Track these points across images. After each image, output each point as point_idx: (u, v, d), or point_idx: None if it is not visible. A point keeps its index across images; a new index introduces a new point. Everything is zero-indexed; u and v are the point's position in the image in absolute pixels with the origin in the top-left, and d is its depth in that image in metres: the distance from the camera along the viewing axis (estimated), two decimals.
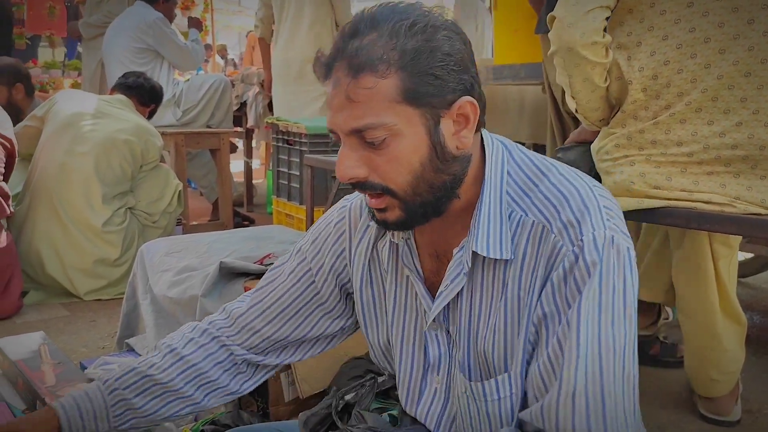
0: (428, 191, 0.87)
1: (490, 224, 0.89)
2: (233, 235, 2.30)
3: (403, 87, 0.83)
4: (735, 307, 1.83)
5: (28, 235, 3.03)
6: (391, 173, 0.86)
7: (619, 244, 0.84)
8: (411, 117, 0.84)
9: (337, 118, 0.86)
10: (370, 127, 0.83)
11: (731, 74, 1.38)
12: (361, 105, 0.83)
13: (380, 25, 0.83)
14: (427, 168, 0.86)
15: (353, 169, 0.86)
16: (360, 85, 0.82)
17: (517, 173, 0.92)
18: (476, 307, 0.93)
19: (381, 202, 0.89)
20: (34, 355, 1.91)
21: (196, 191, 5.21)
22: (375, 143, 0.84)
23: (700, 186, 1.43)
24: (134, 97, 3.41)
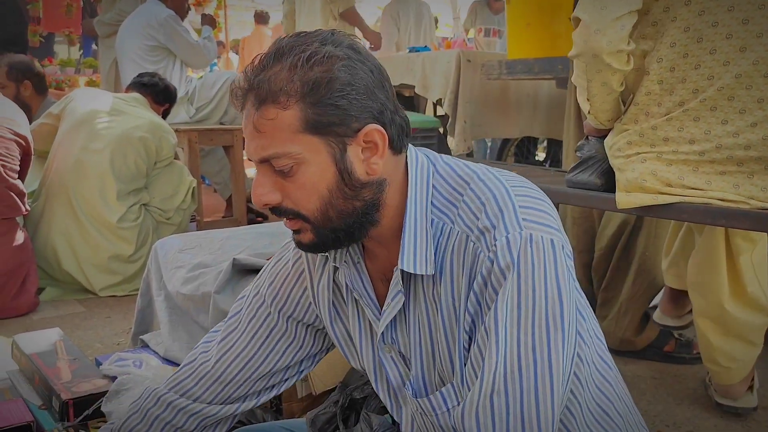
0: (338, 217, 0.90)
1: (417, 242, 0.90)
2: (247, 232, 2.30)
3: (305, 117, 0.85)
4: (758, 301, 1.80)
5: (44, 232, 3.06)
6: (301, 200, 0.89)
7: (538, 239, 0.84)
8: (315, 146, 0.86)
9: (249, 147, 0.89)
10: (274, 156, 0.86)
11: (750, 74, 1.35)
12: (267, 135, 0.86)
13: (283, 58, 0.86)
14: (335, 195, 0.88)
15: (267, 195, 0.89)
16: (264, 117, 0.85)
17: (443, 186, 0.92)
18: (424, 323, 0.93)
19: (294, 224, 0.91)
20: (51, 351, 1.93)
21: (210, 187, 5.23)
22: (284, 171, 0.87)
23: (712, 185, 1.41)
24: (149, 95, 3.43)
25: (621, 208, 1.53)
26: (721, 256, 1.77)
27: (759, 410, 1.92)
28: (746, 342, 1.83)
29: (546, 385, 0.81)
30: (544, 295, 0.82)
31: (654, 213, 1.51)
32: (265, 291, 1.11)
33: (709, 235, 1.80)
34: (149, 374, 1.76)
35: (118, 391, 1.65)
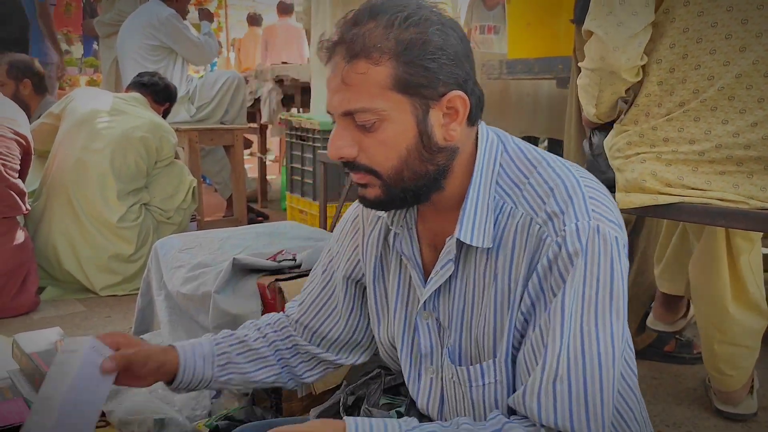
0: (411, 178, 0.91)
1: (477, 215, 0.91)
2: (247, 232, 2.30)
3: (395, 75, 0.86)
4: (757, 304, 1.81)
5: (45, 231, 3.07)
6: (378, 156, 0.90)
7: (605, 233, 0.86)
8: (401, 105, 0.88)
9: (332, 100, 0.91)
10: (360, 110, 0.88)
11: (750, 74, 1.35)
12: (354, 89, 0.87)
13: (378, 16, 0.87)
14: (413, 155, 0.90)
15: (344, 148, 0.90)
16: (354, 70, 0.87)
17: (510, 166, 0.94)
18: (469, 295, 0.95)
19: (363, 178, 0.92)
20: (51, 351, 1.93)
21: (211, 187, 5.23)
22: (366, 126, 0.88)
23: (712, 185, 1.41)
24: (149, 95, 3.43)
25: (620, 209, 1.53)
26: (722, 256, 1.77)
27: (759, 411, 1.92)
28: (747, 348, 1.83)
29: (608, 373, 0.84)
30: (609, 286, 0.85)
31: (653, 213, 1.51)
32: (333, 246, 1.17)
33: (709, 237, 1.80)
34: None
35: (118, 390, 1.66)
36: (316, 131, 3.40)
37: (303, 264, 1.88)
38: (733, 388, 1.87)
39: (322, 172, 3.00)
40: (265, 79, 5.04)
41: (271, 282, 1.80)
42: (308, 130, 3.50)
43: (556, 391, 0.83)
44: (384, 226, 1.06)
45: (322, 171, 3.00)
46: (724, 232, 1.77)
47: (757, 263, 1.82)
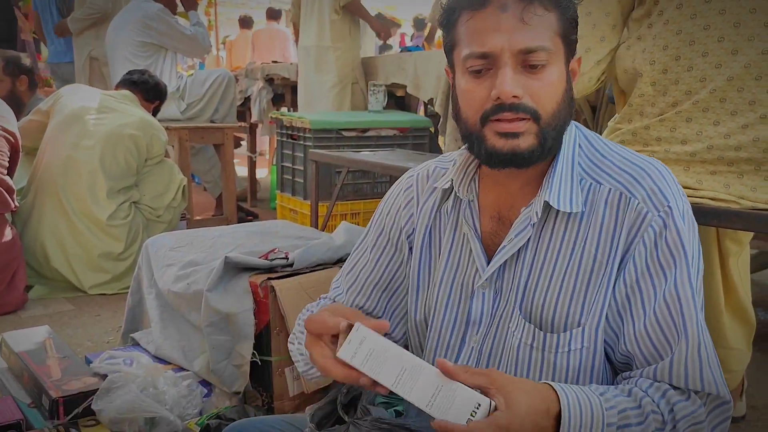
0: (560, 125, 0.96)
1: (562, 182, 0.96)
2: (238, 230, 2.30)
3: (561, 23, 0.94)
4: (745, 307, 1.82)
5: (33, 229, 3.04)
6: (543, 97, 0.93)
7: (693, 217, 0.96)
8: (561, 51, 0.95)
9: (503, 39, 0.91)
10: (540, 48, 0.91)
11: (742, 76, 1.36)
12: (533, 28, 0.91)
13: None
14: (564, 100, 0.95)
15: (516, 87, 0.91)
16: (534, 11, 0.91)
17: (588, 147, 1.00)
18: (540, 261, 0.97)
19: (521, 125, 0.93)
20: (40, 349, 1.92)
21: (200, 186, 5.21)
22: (536, 66, 0.92)
23: (704, 185, 1.42)
24: (139, 92, 3.41)
25: None
26: (714, 258, 1.78)
27: (747, 410, 1.94)
28: (739, 350, 1.84)
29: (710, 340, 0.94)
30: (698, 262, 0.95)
31: None
32: (383, 220, 1.17)
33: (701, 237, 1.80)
34: (140, 372, 1.75)
35: (109, 389, 1.65)
36: (308, 130, 3.40)
37: (295, 263, 1.87)
38: None
39: (314, 171, 2.99)
40: (255, 78, 5.03)
41: (263, 280, 1.80)
42: (299, 129, 3.49)
43: (701, 358, 0.90)
44: (440, 197, 1.09)
45: (313, 170, 3.00)
46: (716, 233, 1.78)
47: (745, 267, 1.84)
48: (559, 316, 0.96)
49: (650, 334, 0.92)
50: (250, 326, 1.78)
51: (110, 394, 1.64)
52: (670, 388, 0.90)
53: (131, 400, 1.61)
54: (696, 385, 0.89)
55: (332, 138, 3.40)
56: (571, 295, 0.95)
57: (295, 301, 1.78)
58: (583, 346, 0.95)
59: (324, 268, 1.93)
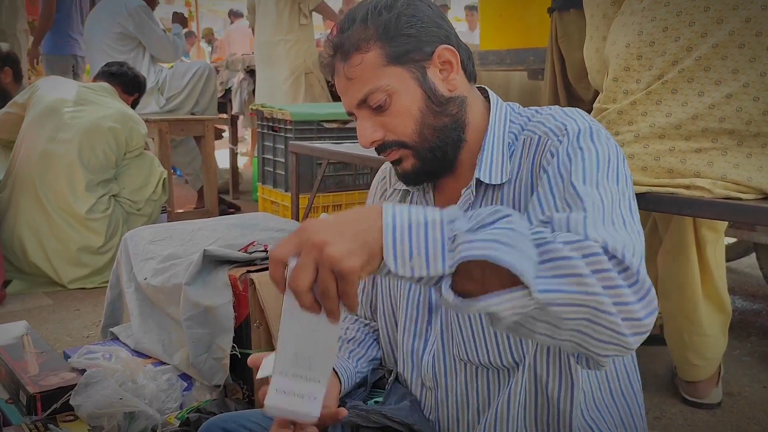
0: (433, 134, 1.00)
1: (493, 159, 1.00)
2: (218, 223, 2.28)
3: (385, 53, 0.98)
4: (721, 295, 1.85)
5: (11, 224, 3.01)
6: (399, 127, 1.00)
7: (606, 134, 0.94)
8: (400, 75, 0.99)
9: (346, 99, 1.02)
10: (369, 93, 0.98)
11: (726, 44, 1.37)
12: (358, 79, 0.99)
13: (356, 17, 1.00)
14: (426, 114, 1.00)
15: (372, 134, 1.01)
16: (351, 65, 0.99)
17: (518, 118, 1.04)
18: None
19: (395, 154, 1.02)
20: (17, 345, 1.90)
21: (181, 179, 5.18)
22: (381, 106, 0.99)
23: (687, 164, 1.42)
24: (118, 85, 3.37)
25: None
26: (691, 246, 1.80)
27: (724, 396, 1.96)
28: (716, 337, 1.86)
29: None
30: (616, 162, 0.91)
31: None
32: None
33: (677, 227, 1.82)
34: (119, 367, 1.74)
35: (88, 384, 1.63)
36: (288, 122, 3.38)
37: None
38: (700, 378, 1.90)
39: (294, 163, 2.98)
40: (236, 70, 4.99)
41: (242, 273, 1.79)
42: (280, 121, 3.47)
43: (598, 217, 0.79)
44: (402, 192, 1.14)
45: (293, 162, 2.98)
46: (692, 222, 1.80)
47: (720, 255, 1.86)
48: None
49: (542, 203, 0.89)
50: (230, 319, 1.77)
51: (89, 389, 1.63)
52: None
53: (110, 395, 1.60)
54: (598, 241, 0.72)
55: (313, 130, 3.39)
56: None
57: (275, 294, 1.77)
58: None
59: None
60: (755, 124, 1.36)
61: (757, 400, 1.98)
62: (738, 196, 1.38)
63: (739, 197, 1.38)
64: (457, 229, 0.70)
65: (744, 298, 2.91)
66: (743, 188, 1.39)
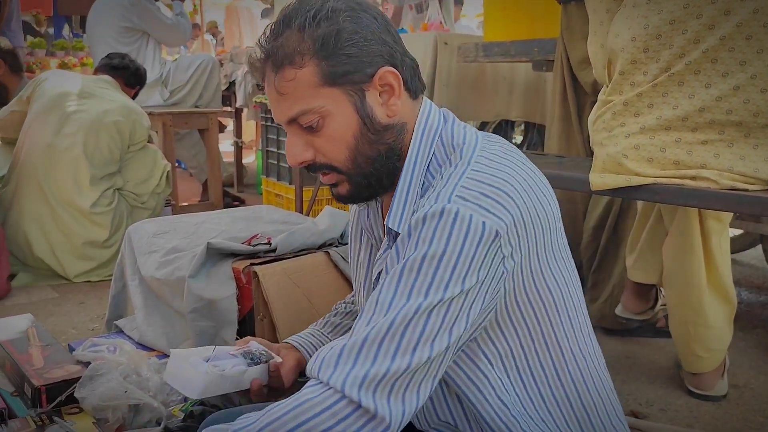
0: (366, 163, 0.94)
1: (407, 200, 0.94)
2: (221, 216, 2.28)
3: (321, 72, 0.90)
4: (726, 286, 1.84)
5: (16, 217, 3.01)
6: (331, 152, 0.93)
7: (464, 216, 0.81)
8: (336, 97, 0.91)
9: (275, 112, 0.95)
10: (300, 113, 0.91)
11: (733, 36, 1.36)
12: (289, 96, 0.91)
13: (291, 22, 0.91)
14: (360, 141, 0.93)
15: (300, 154, 0.95)
16: (283, 79, 0.91)
17: (440, 150, 0.95)
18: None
19: (331, 179, 0.97)
20: (22, 338, 1.91)
21: (186, 172, 5.18)
22: (312, 126, 0.92)
23: (693, 156, 1.41)
24: (120, 78, 3.37)
25: (595, 190, 1.54)
26: (696, 237, 1.79)
27: (730, 388, 1.96)
28: (721, 329, 1.85)
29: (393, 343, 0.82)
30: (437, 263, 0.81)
31: (627, 194, 1.52)
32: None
33: (683, 218, 1.81)
34: (123, 360, 1.74)
35: (92, 376, 1.64)
36: None
37: (278, 248, 1.87)
38: (705, 370, 1.89)
39: None
40: (240, 62, 4.98)
41: (246, 266, 1.79)
42: None
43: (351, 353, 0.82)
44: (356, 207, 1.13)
45: None
46: (698, 212, 1.79)
47: (726, 246, 1.85)
48: None
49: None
50: (234, 312, 1.77)
51: (93, 382, 1.63)
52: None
53: (114, 388, 1.60)
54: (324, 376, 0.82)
55: None
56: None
57: (279, 286, 1.77)
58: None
59: (308, 253, 1.92)
60: (763, 115, 1.35)
61: (763, 391, 1.97)
62: (744, 187, 1.37)
63: (745, 188, 1.37)
64: None
65: (750, 289, 2.90)
66: (750, 179, 1.38)
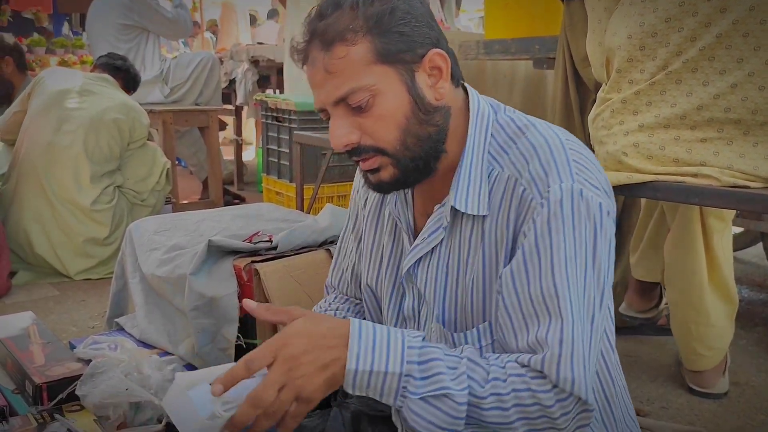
0: (416, 144, 0.92)
1: (471, 182, 0.94)
2: (222, 214, 2.28)
3: (374, 48, 0.89)
4: (727, 284, 1.84)
5: (16, 215, 3.01)
6: (380, 132, 0.91)
7: (589, 198, 0.87)
8: (388, 75, 0.90)
9: (321, 94, 0.92)
10: (351, 91, 0.89)
11: (730, 33, 1.36)
12: (339, 74, 0.89)
13: (342, 3, 0.90)
14: (411, 121, 0.92)
15: (347, 136, 0.92)
16: (334, 56, 0.89)
17: (499, 134, 0.96)
18: (454, 264, 0.97)
19: (374, 163, 0.93)
20: (23, 335, 1.91)
21: (186, 170, 5.17)
22: (361, 106, 0.90)
23: (693, 154, 1.41)
24: (120, 80, 3.37)
25: None
26: (698, 235, 1.79)
27: (731, 386, 1.96)
28: (722, 327, 1.85)
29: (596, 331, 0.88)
30: (593, 248, 0.86)
31: (629, 192, 1.51)
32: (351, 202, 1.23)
33: (684, 216, 1.81)
34: (124, 357, 1.74)
35: (93, 374, 1.64)
36: (293, 112, 3.37)
37: (279, 246, 1.87)
38: (706, 368, 1.89)
39: (299, 154, 2.97)
40: (240, 60, 4.98)
41: (247, 264, 1.79)
42: (284, 111, 3.46)
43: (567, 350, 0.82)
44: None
45: (298, 152, 2.98)
46: (699, 210, 1.79)
47: (728, 245, 1.85)
48: (474, 314, 0.95)
49: (512, 318, 0.87)
50: (235, 309, 1.77)
51: (94, 379, 1.63)
52: (515, 362, 0.84)
53: (115, 385, 1.60)
54: (551, 376, 0.81)
55: (318, 120, 3.37)
56: (481, 293, 0.94)
57: (280, 284, 1.77)
58: (492, 340, 0.94)
59: (309, 250, 1.92)
60: (761, 113, 1.35)
61: (764, 389, 1.97)
62: (745, 184, 1.37)
63: (746, 185, 1.37)
64: (408, 392, 0.80)
65: (751, 288, 2.90)
66: (750, 177, 1.38)
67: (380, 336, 0.82)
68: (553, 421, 0.81)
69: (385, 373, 0.80)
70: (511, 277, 0.88)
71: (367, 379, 0.80)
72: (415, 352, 0.81)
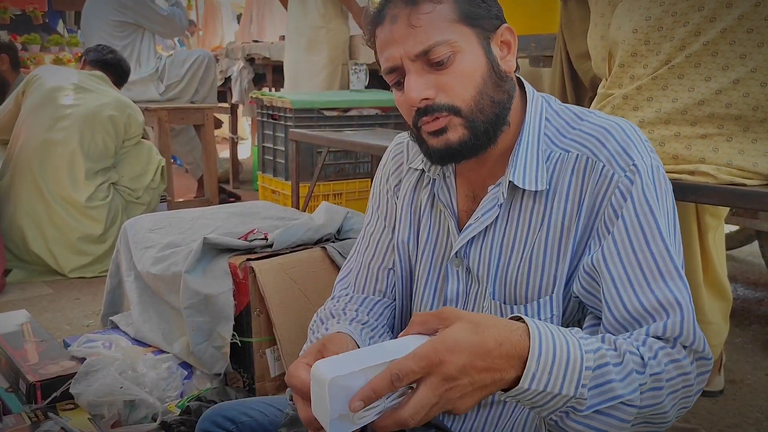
0: (490, 106, 0.94)
1: (527, 160, 0.95)
2: (217, 212, 2.27)
3: (458, 8, 0.92)
4: (721, 282, 1.84)
5: (10, 212, 3.00)
6: (457, 89, 0.92)
7: (664, 173, 0.94)
8: (469, 36, 0.92)
9: (400, 49, 0.92)
10: (435, 45, 0.90)
11: (734, 29, 1.36)
12: (424, 28, 0.90)
13: None
14: (488, 83, 0.93)
15: (423, 91, 0.92)
16: (420, 11, 0.90)
17: (555, 119, 0.99)
18: (509, 240, 0.97)
19: (442, 122, 0.93)
20: (17, 333, 1.90)
21: (182, 168, 5.16)
22: (442, 62, 0.91)
23: (692, 150, 1.41)
24: (111, 75, 3.36)
25: None
26: (693, 233, 1.79)
27: (726, 384, 1.96)
28: (718, 325, 1.85)
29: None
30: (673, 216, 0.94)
31: None
32: (375, 194, 1.18)
33: (680, 214, 1.81)
34: (119, 355, 1.74)
35: (87, 372, 1.63)
36: (288, 110, 3.36)
37: (275, 243, 1.86)
38: None
39: (294, 152, 2.97)
40: (236, 58, 4.97)
41: (242, 261, 1.78)
42: (280, 109, 3.45)
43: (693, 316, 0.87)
44: (419, 172, 1.09)
45: (293, 150, 2.97)
46: (695, 208, 1.78)
47: (720, 242, 1.85)
48: (531, 289, 0.96)
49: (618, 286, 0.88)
50: (230, 307, 1.76)
51: (89, 378, 1.62)
52: (651, 338, 0.85)
53: (110, 384, 1.60)
54: (688, 340, 0.85)
55: (313, 118, 3.37)
56: (540, 268, 0.95)
57: (275, 281, 1.77)
58: (552, 314, 0.94)
59: (304, 248, 1.92)
60: (762, 109, 1.35)
61: (759, 387, 1.98)
62: (742, 182, 1.37)
63: (743, 183, 1.37)
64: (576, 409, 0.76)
65: (746, 286, 2.91)
66: (748, 174, 1.38)
67: (560, 352, 0.75)
68: (690, 384, 0.85)
69: (556, 395, 0.75)
70: (615, 247, 0.89)
71: (532, 397, 0.75)
72: (589, 375, 0.76)
